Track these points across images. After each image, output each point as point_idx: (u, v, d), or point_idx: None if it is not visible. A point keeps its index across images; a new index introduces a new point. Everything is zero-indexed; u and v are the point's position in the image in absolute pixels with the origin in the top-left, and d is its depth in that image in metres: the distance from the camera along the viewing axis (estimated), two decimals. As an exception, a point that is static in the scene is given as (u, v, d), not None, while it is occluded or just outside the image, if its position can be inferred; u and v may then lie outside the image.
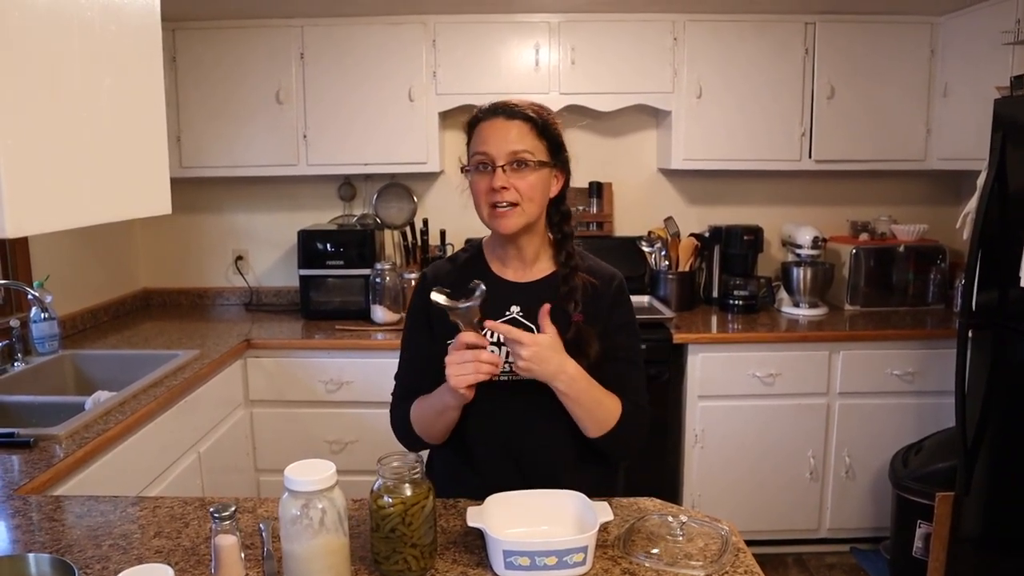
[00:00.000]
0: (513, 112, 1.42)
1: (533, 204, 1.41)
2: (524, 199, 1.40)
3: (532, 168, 1.40)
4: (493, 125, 1.41)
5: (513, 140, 1.39)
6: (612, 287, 1.51)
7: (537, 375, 1.33)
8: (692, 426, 3.06)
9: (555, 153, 1.45)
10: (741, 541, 1.30)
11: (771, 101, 3.26)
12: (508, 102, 1.45)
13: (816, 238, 3.33)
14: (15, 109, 0.82)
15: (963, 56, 3.10)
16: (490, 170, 1.40)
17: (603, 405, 1.42)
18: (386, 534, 1.16)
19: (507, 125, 1.40)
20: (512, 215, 1.41)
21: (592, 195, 3.58)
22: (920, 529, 2.77)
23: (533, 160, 1.40)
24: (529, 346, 1.30)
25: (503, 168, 1.38)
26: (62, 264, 3.03)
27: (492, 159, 1.39)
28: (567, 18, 3.19)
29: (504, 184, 1.38)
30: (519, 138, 1.40)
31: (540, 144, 1.42)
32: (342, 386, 3.00)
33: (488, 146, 1.40)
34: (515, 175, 1.39)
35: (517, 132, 1.40)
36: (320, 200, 3.66)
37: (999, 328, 2.41)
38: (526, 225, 1.43)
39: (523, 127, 1.41)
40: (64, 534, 1.37)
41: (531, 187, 1.40)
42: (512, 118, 1.41)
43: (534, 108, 1.45)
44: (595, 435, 1.42)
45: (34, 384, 2.51)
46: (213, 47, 3.20)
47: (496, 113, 1.42)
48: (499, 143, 1.39)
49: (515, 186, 1.39)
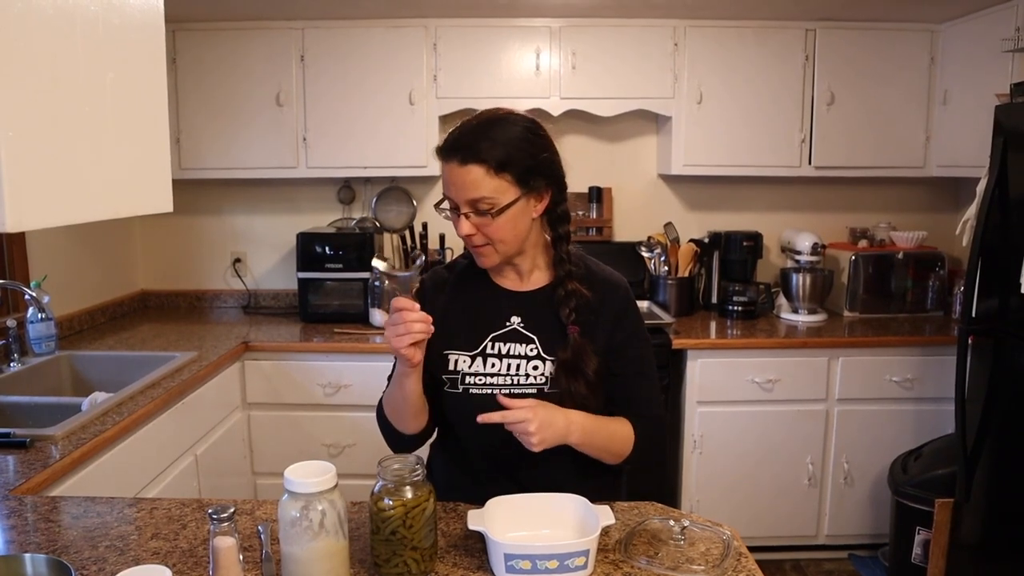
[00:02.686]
0: (467, 155, 1.31)
1: (505, 244, 1.38)
2: (494, 241, 1.37)
3: (493, 215, 1.33)
4: (451, 170, 1.33)
5: (470, 188, 1.32)
6: (615, 297, 1.47)
7: (551, 442, 1.30)
8: (691, 432, 3.05)
9: (525, 180, 1.35)
10: (743, 546, 1.29)
11: (771, 107, 3.26)
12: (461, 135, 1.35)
13: (815, 244, 3.33)
14: (17, 102, 0.81)
15: (963, 63, 3.11)
16: (458, 213, 1.36)
17: (616, 437, 1.41)
18: (386, 537, 1.15)
19: (462, 172, 1.32)
20: (487, 253, 1.39)
21: (592, 200, 3.58)
22: (919, 536, 2.76)
23: (495, 207, 1.33)
24: (531, 420, 1.27)
25: (466, 215, 1.35)
26: (60, 264, 3.02)
27: (455, 204, 1.36)
28: (568, 23, 3.20)
29: (469, 231, 1.35)
30: (475, 185, 1.31)
31: (501, 182, 1.32)
32: (340, 389, 2.99)
33: (450, 190, 1.36)
34: (479, 220, 1.34)
35: (473, 179, 1.31)
36: (319, 203, 3.66)
37: (999, 335, 2.41)
38: (505, 258, 1.41)
39: (478, 171, 1.31)
40: (60, 535, 1.36)
41: (499, 229, 1.35)
42: (465, 163, 1.31)
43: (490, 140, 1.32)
44: (614, 463, 1.43)
45: (31, 384, 2.49)
46: (213, 48, 3.20)
47: (452, 155, 1.33)
48: (458, 190, 1.34)
49: (482, 231, 1.35)
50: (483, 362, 1.42)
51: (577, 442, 1.35)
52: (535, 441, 1.28)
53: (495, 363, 1.42)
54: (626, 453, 1.42)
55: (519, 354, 1.42)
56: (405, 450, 1.44)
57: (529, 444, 1.28)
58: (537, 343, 1.42)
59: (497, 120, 1.36)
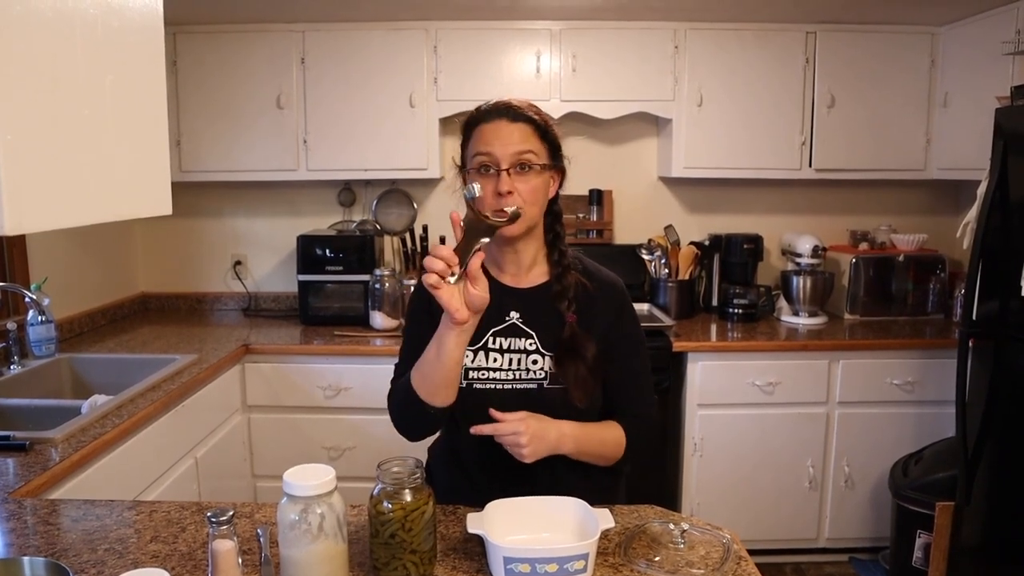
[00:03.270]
0: (517, 114, 1.40)
1: (535, 208, 1.40)
2: (527, 203, 1.37)
3: (536, 172, 1.38)
4: (497, 127, 1.38)
5: (517, 141, 1.37)
6: (612, 295, 1.49)
7: (542, 453, 1.34)
8: (691, 434, 3.05)
9: (555, 156, 1.44)
10: (743, 549, 1.29)
11: (772, 110, 3.26)
12: (510, 103, 1.42)
13: (816, 247, 3.33)
14: (16, 105, 0.81)
15: (963, 66, 3.11)
16: (493, 172, 1.37)
17: (607, 443, 1.45)
18: (386, 540, 1.15)
19: (511, 127, 1.38)
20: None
21: (592, 203, 3.58)
22: (920, 539, 2.75)
23: (537, 163, 1.38)
24: (523, 432, 1.30)
25: (507, 171, 1.36)
26: (60, 267, 3.02)
27: (496, 161, 1.36)
28: (568, 25, 3.20)
29: (509, 188, 1.35)
30: (523, 139, 1.38)
31: (543, 147, 1.41)
32: (340, 392, 2.99)
33: (492, 147, 1.37)
34: (519, 178, 1.37)
35: (520, 134, 1.38)
36: (320, 205, 3.66)
37: (1000, 338, 2.40)
38: (528, 229, 1.42)
39: (526, 129, 1.39)
40: (59, 538, 1.36)
41: (534, 190, 1.38)
42: (516, 120, 1.39)
43: (534, 110, 1.44)
44: (606, 465, 1.48)
45: (30, 387, 2.49)
46: (214, 51, 3.20)
47: (500, 114, 1.39)
48: (503, 145, 1.36)
49: (518, 190, 1.37)
50: (485, 356, 1.45)
51: (570, 451, 1.39)
52: (526, 453, 1.32)
53: (497, 357, 1.44)
54: (618, 456, 1.47)
55: (519, 348, 1.44)
56: (417, 433, 1.45)
57: (520, 456, 1.32)
58: (536, 338, 1.44)
59: (527, 103, 1.44)
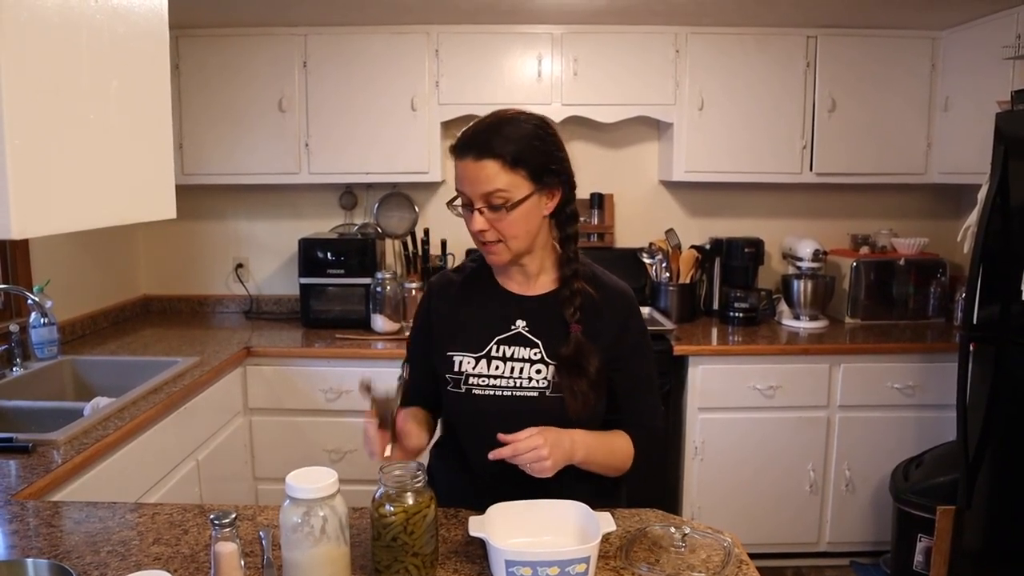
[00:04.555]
0: (482, 150, 1.34)
1: (517, 240, 1.39)
2: (507, 238, 1.37)
3: (508, 209, 1.35)
4: (465, 166, 1.35)
5: (485, 182, 1.33)
6: (619, 304, 1.47)
7: (560, 463, 1.31)
8: (692, 438, 3.05)
9: (539, 176, 1.37)
10: (744, 553, 1.29)
11: (772, 114, 3.27)
12: (479, 135, 1.37)
13: (817, 251, 3.34)
14: (23, 110, 0.81)
15: (964, 70, 3.12)
16: (471, 210, 1.37)
17: (616, 453, 1.44)
18: (387, 543, 1.16)
19: (477, 167, 1.34)
20: (499, 251, 1.40)
21: (593, 206, 3.59)
22: (921, 543, 2.75)
23: (509, 200, 1.34)
24: (542, 444, 1.28)
25: (480, 210, 1.36)
26: (62, 269, 3.02)
27: (469, 200, 1.37)
28: (570, 29, 3.21)
29: (483, 227, 1.36)
30: (490, 179, 1.33)
31: (516, 177, 1.34)
32: (341, 395, 2.99)
33: (464, 185, 1.37)
34: (493, 215, 1.36)
35: (487, 173, 1.33)
36: (321, 209, 3.67)
37: (1001, 342, 2.41)
38: (516, 256, 1.42)
39: (494, 166, 1.33)
40: (62, 540, 1.36)
41: (511, 225, 1.36)
42: (481, 158, 1.33)
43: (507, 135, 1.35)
44: (614, 476, 1.47)
45: (33, 389, 2.50)
46: (216, 55, 3.21)
47: (467, 151, 1.35)
48: (471, 185, 1.35)
49: (495, 227, 1.36)
50: (487, 364, 1.44)
51: (581, 460, 1.37)
52: (549, 466, 1.28)
53: (499, 365, 1.43)
54: (626, 467, 1.46)
55: (523, 357, 1.43)
56: None
57: (543, 471, 1.28)
58: (541, 347, 1.43)
59: (510, 119, 1.39)
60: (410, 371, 1.57)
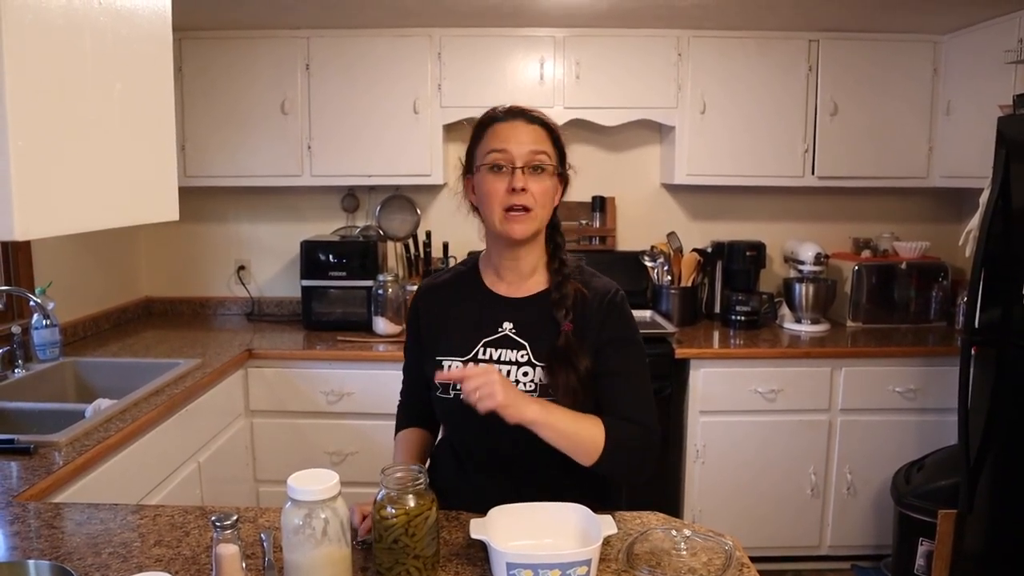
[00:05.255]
0: (532, 117, 1.44)
1: (544, 211, 1.42)
2: (538, 204, 1.40)
3: (548, 173, 1.41)
4: (513, 126, 1.42)
5: (532, 141, 1.40)
6: (603, 300, 1.45)
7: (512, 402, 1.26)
8: (693, 441, 3.05)
9: (561, 162, 1.46)
10: (745, 556, 1.29)
11: (774, 117, 3.27)
12: (524, 107, 1.46)
13: (818, 254, 3.34)
14: (26, 111, 0.82)
15: (966, 74, 3.12)
16: (507, 171, 1.39)
17: (581, 423, 1.35)
18: (389, 545, 1.16)
19: (527, 128, 1.42)
20: (525, 220, 1.40)
21: (595, 209, 3.59)
22: (922, 547, 2.75)
23: (550, 165, 1.41)
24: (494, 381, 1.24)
25: (522, 170, 1.38)
26: (64, 271, 3.02)
27: (512, 159, 1.38)
28: (572, 32, 3.21)
29: (523, 185, 1.38)
30: (538, 140, 1.41)
31: (554, 151, 1.44)
32: (343, 397, 2.99)
33: (508, 144, 1.39)
34: (532, 178, 1.39)
35: (536, 135, 1.41)
36: (323, 211, 3.67)
37: (1002, 345, 2.41)
38: (535, 232, 1.43)
39: (541, 132, 1.43)
40: (64, 541, 1.36)
41: (544, 192, 1.40)
42: (532, 122, 1.43)
43: (546, 117, 1.47)
44: (588, 463, 1.36)
45: (35, 391, 2.50)
46: (219, 57, 3.22)
47: (516, 115, 1.43)
48: (519, 143, 1.39)
49: (531, 189, 1.39)
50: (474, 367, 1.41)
51: (536, 417, 1.29)
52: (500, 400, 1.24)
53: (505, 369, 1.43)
54: (597, 447, 1.35)
55: (510, 360, 1.43)
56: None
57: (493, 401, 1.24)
58: (528, 350, 1.43)
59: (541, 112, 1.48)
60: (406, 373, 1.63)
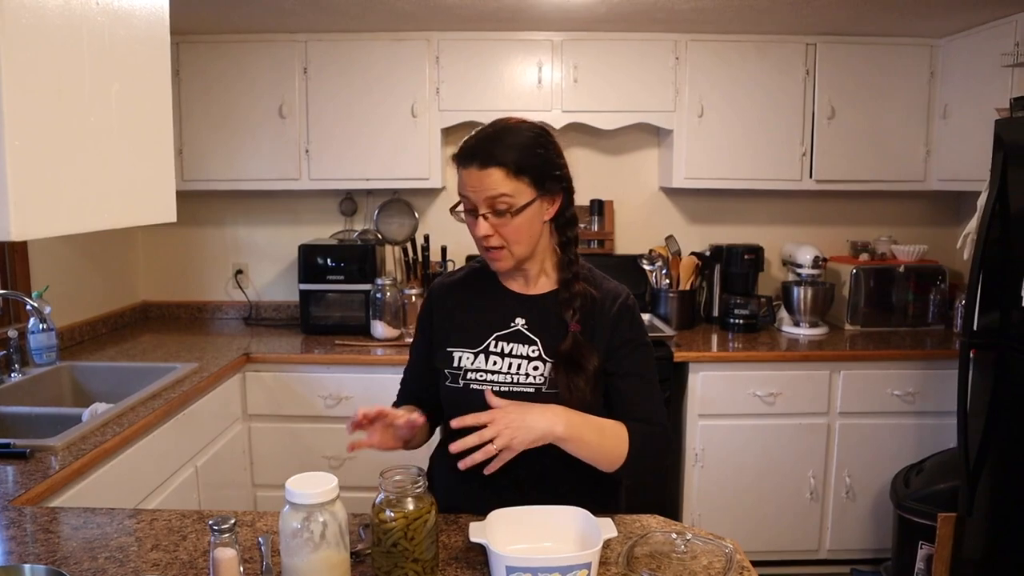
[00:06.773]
0: (486, 159, 1.36)
1: (520, 246, 1.42)
2: (510, 243, 1.40)
3: (512, 215, 1.38)
4: (470, 174, 1.38)
5: (489, 188, 1.36)
6: (616, 304, 1.49)
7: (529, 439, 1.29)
8: (692, 445, 3.04)
9: (541, 182, 1.40)
10: (746, 559, 1.29)
11: (772, 121, 3.27)
12: (482, 138, 1.40)
13: (816, 258, 3.34)
14: (24, 112, 0.81)
15: (963, 78, 3.12)
16: (475, 215, 1.40)
17: (607, 432, 1.39)
18: (388, 549, 1.15)
19: (482, 175, 1.36)
20: (502, 257, 1.43)
21: (593, 213, 3.59)
22: (922, 550, 2.74)
23: (513, 206, 1.37)
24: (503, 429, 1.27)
25: (484, 216, 1.38)
26: (61, 275, 3.02)
27: (474, 205, 1.39)
28: (570, 36, 3.21)
29: (487, 232, 1.39)
30: (495, 186, 1.36)
31: (519, 184, 1.37)
32: (341, 401, 2.98)
33: (467, 191, 1.39)
34: (497, 221, 1.38)
35: (492, 180, 1.36)
36: (321, 215, 3.67)
37: (1001, 348, 2.40)
38: (518, 261, 1.44)
39: (498, 174, 1.36)
40: (60, 546, 1.36)
41: (515, 231, 1.39)
42: (485, 166, 1.36)
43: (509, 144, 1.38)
44: (610, 471, 1.40)
45: (31, 395, 2.49)
46: (217, 61, 3.22)
47: (471, 160, 1.38)
48: (475, 191, 1.38)
49: (499, 232, 1.39)
50: (485, 359, 1.46)
51: (564, 434, 1.32)
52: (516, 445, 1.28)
53: (497, 361, 1.45)
54: (621, 454, 1.39)
55: (521, 354, 1.45)
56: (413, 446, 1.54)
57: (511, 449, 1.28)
58: (539, 345, 1.45)
59: (512, 127, 1.42)
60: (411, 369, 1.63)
